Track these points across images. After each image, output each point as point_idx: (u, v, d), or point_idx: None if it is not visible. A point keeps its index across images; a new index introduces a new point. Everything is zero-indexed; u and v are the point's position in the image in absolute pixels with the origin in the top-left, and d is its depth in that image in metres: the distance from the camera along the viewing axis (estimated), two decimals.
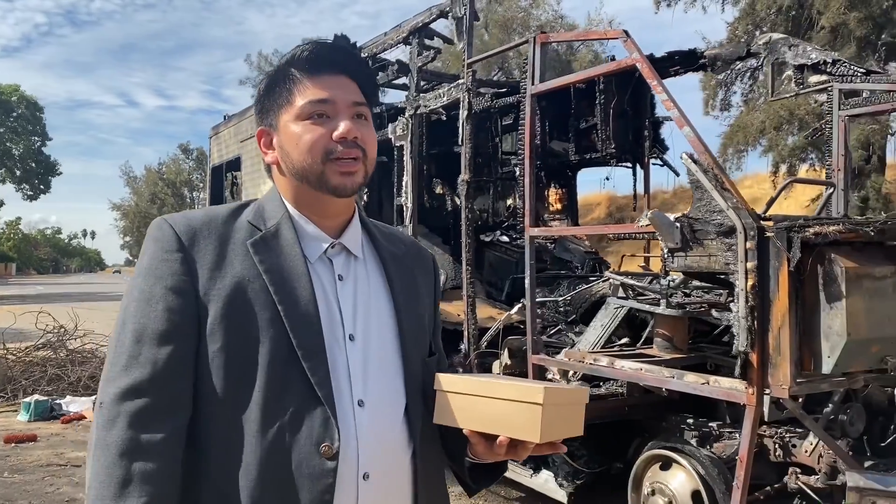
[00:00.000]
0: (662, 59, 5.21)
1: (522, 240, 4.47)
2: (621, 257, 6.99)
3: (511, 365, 4.71)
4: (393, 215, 6.03)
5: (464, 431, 1.19)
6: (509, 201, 7.75)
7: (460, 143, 5.09)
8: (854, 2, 13.85)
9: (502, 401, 1.15)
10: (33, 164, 49.67)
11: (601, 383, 4.27)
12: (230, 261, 1.19)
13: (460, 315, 5.02)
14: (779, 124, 16.32)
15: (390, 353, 1.27)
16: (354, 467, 1.16)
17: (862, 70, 4.41)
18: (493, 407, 1.16)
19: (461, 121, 5.05)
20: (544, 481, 4.41)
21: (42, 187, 50.46)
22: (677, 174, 6.32)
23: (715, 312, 4.15)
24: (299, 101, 1.23)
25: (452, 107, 5.24)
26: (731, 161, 18.80)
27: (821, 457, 3.37)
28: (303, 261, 1.22)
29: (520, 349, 4.61)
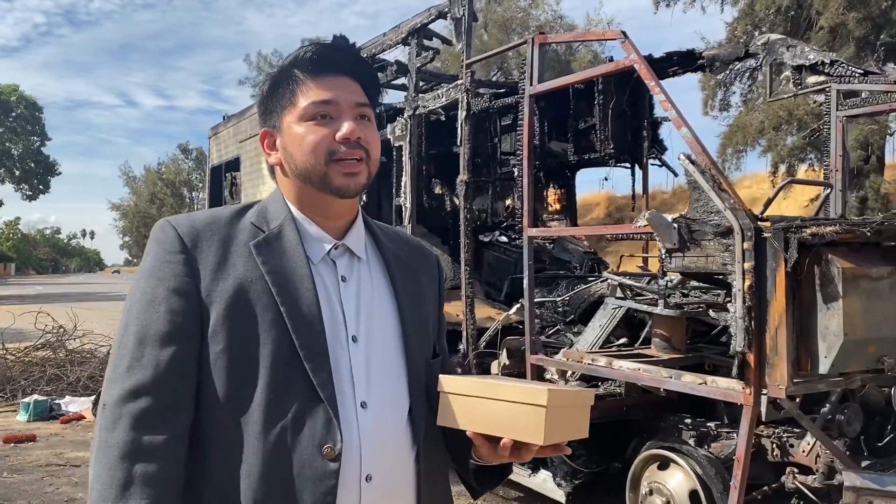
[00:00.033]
0: (661, 60, 5.22)
1: (521, 240, 4.48)
2: (620, 257, 7.00)
3: (509, 365, 4.72)
4: (392, 216, 6.04)
5: (467, 433, 1.18)
6: (508, 201, 7.74)
7: (459, 144, 5.10)
8: (853, 2, 13.86)
9: (506, 402, 1.13)
10: (32, 164, 49.60)
11: (599, 383, 4.28)
12: (233, 262, 1.18)
13: (459, 315, 5.03)
14: (778, 124, 16.33)
15: (393, 354, 1.26)
16: (357, 469, 1.15)
17: (860, 71, 4.42)
18: (497, 409, 1.14)
19: (460, 121, 5.06)
20: (542, 481, 4.41)
21: (41, 187, 50.37)
22: (676, 174, 6.34)
23: (712, 313, 4.17)
24: (302, 103, 1.23)
25: (451, 107, 5.25)
26: (730, 161, 18.82)
27: (818, 456, 3.38)
28: (305, 262, 1.21)
29: (518, 349, 4.62)
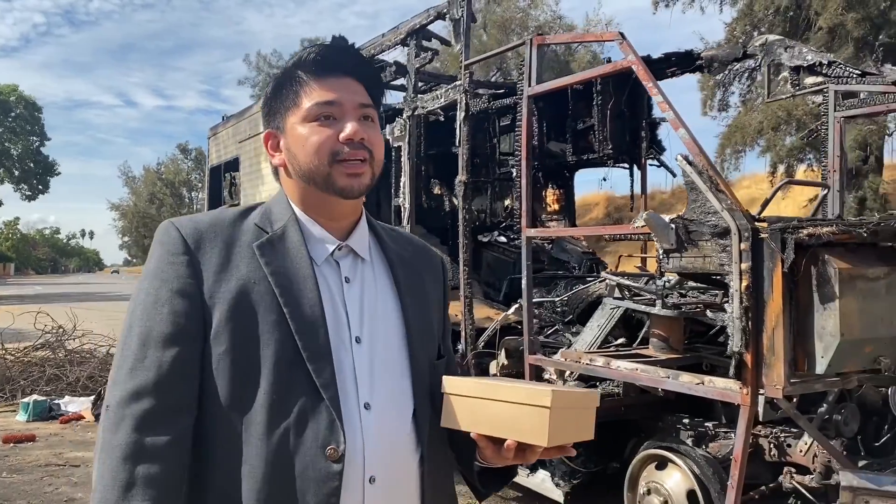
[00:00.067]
0: (659, 61, 5.23)
1: (520, 240, 4.49)
2: (618, 258, 7.02)
3: (508, 365, 4.73)
4: (391, 216, 6.04)
5: (471, 435, 1.17)
6: (507, 202, 7.76)
7: (458, 144, 5.10)
8: (852, 3, 13.88)
9: (509, 404, 1.12)
10: (32, 164, 49.62)
11: (598, 383, 4.29)
12: (236, 263, 1.19)
13: (457, 315, 5.03)
14: (777, 125, 16.35)
15: (397, 355, 1.26)
16: (360, 470, 1.15)
17: (857, 72, 4.43)
18: (500, 410, 1.13)
19: (458, 122, 5.06)
20: (541, 481, 4.42)
21: (40, 187, 50.40)
22: (674, 175, 6.33)
23: (710, 313, 4.18)
24: (306, 103, 1.23)
25: (450, 108, 5.25)
26: (729, 161, 18.84)
27: (815, 456, 3.39)
28: (309, 263, 1.21)
29: (517, 349, 4.62)
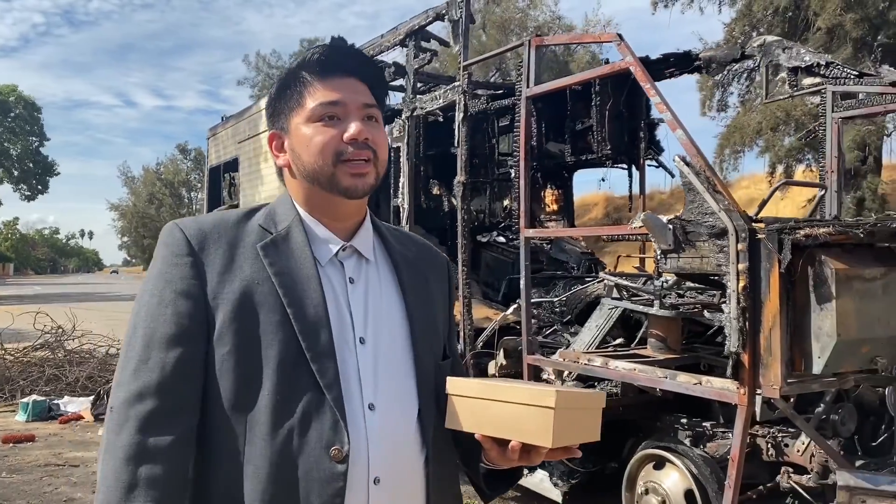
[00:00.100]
0: (658, 62, 5.24)
1: (518, 241, 4.50)
2: (617, 258, 7.03)
3: (506, 365, 4.74)
4: (390, 216, 6.05)
5: (475, 436, 1.16)
6: (506, 202, 7.77)
7: (456, 145, 5.12)
8: (850, 3, 13.89)
9: (514, 405, 1.11)
10: (31, 165, 49.60)
11: (596, 383, 4.30)
12: (240, 264, 1.18)
13: (456, 315, 5.05)
14: (775, 125, 16.34)
15: (402, 356, 1.25)
16: (365, 471, 1.14)
17: (855, 73, 4.44)
18: (505, 411, 1.12)
19: (457, 122, 5.07)
20: (539, 481, 4.43)
21: (40, 187, 50.37)
22: (672, 175, 6.36)
23: (707, 313, 4.19)
24: (310, 104, 1.23)
25: (449, 108, 5.27)
26: (727, 162, 18.78)
27: (812, 456, 3.41)
28: (313, 263, 1.21)
29: (515, 349, 4.63)
